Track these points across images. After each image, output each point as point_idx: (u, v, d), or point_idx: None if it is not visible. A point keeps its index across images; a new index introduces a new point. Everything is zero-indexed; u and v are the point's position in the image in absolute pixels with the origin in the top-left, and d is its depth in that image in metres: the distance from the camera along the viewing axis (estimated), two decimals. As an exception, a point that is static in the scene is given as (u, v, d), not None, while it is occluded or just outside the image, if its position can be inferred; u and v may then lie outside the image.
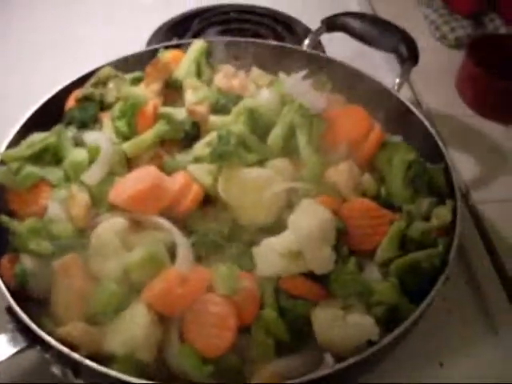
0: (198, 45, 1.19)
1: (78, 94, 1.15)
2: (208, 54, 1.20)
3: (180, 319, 0.92)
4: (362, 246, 0.99)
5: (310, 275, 0.94)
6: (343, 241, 0.97)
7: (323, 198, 0.99)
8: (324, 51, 1.41)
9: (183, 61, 1.17)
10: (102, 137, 1.05)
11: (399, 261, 0.97)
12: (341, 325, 0.91)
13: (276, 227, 0.98)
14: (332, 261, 0.92)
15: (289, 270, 0.92)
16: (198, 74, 1.17)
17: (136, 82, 1.17)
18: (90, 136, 1.06)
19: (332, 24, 1.28)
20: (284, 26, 1.55)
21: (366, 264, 0.99)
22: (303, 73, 1.11)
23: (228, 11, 1.62)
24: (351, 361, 0.87)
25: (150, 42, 1.49)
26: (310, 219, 0.92)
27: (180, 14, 1.61)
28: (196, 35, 1.50)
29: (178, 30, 1.54)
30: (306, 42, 1.30)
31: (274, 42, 1.26)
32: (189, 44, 1.22)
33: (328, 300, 0.93)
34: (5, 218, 1.01)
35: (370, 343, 0.90)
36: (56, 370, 0.90)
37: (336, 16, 1.28)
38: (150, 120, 1.07)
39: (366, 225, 0.99)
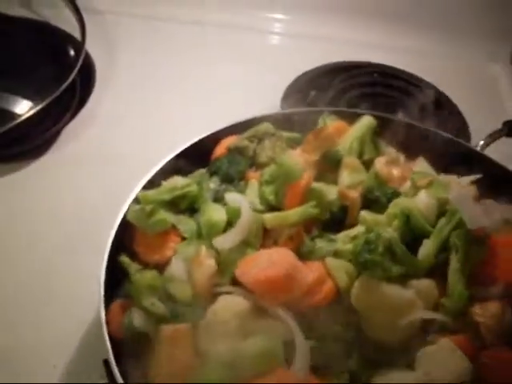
0: (366, 120, 1.10)
1: (230, 142, 1.08)
2: (375, 132, 1.10)
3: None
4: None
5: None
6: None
7: (461, 339, 0.88)
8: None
9: (348, 135, 1.08)
10: (244, 202, 0.97)
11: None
12: None
13: (401, 352, 0.89)
14: None
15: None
16: (360, 153, 1.08)
17: (292, 143, 1.10)
18: (232, 197, 0.99)
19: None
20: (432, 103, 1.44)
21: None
22: (471, 178, 1.00)
23: (371, 72, 1.53)
24: None
25: (286, 93, 1.43)
26: (446, 368, 0.82)
27: (318, 67, 1.53)
28: (338, 94, 1.43)
29: (317, 84, 1.46)
30: (481, 142, 1.18)
31: (449, 136, 1.14)
32: (354, 114, 1.13)
33: None
34: (126, 260, 0.97)
35: None
36: None
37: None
38: (300, 194, 0.98)
39: (504, 379, 0.88)
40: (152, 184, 1.02)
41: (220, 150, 1.09)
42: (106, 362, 0.87)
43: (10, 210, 1.21)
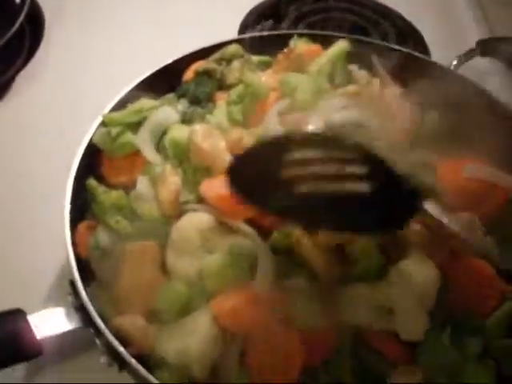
0: (340, 45, 1.07)
1: (198, 66, 1.06)
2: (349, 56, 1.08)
3: (244, 340, 0.83)
4: (462, 314, 0.87)
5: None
6: (443, 303, 0.85)
7: (434, 251, 0.86)
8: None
9: (320, 57, 1.05)
10: None
11: (504, 342, 0.84)
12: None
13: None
14: (424, 330, 0.81)
15: (374, 325, 0.82)
16: (331, 76, 1.05)
17: (263, 66, 1.08)
18: None
19: (489, 49, 1.13)
20: (390, 24, 1.44)
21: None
22: None
23: None
24: None
25: (243, 24, 1.41)
26: (413, 278, 0.81)
27: None
28: (294, 22, 1.41)
29: (274, 13, 1.44)
30: (454, 62, 1.15)
31: (424, 57, 1.12)
32: (322, 36, 1.12)
33: (410, 367, 0.83)
34: (93, 183, 0.96)
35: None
36: (103, 359, 0.84)
37: (497, 40, 1.13)
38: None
39: (474, 292, 0.87)
40: (119, 108, 1.01)
41: (189, 74, 1.08)
42: (72, 282, 0.87)
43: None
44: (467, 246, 0.89)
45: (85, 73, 1.31)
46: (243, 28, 1.39)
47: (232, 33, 1.38)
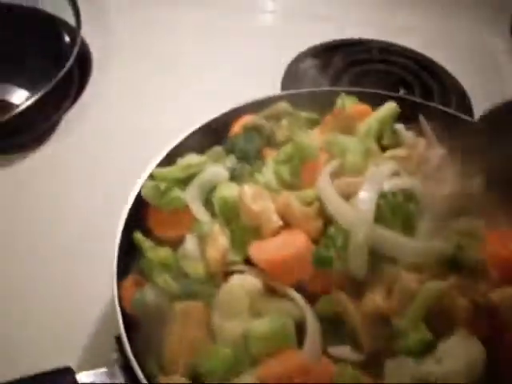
0: (389, 107, 1.07)
1: (247, 121, 1.07)
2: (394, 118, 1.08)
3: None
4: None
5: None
6: (489, 379, 0.84)
7: (478, 325, 0.85)
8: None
9: (369, 119, 1.06)
10: None
11: None
12: None
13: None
14: None
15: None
16: (379, 137, 1.06)
17: (311, 124, 1.08)
18: None
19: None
20: (433, 77, 1.45)
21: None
22: None
23: (370, 49, 1.51)
24: None
25: (287, 73, 1.42)
26: (459, 355, 0.81)
27: (319, 45, 1.51)
28: (338, 73, 1.43)
29: (317, 63, 1.45)
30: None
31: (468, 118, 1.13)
32: (370, 95, 1.12)
33: None
34: (139, 237, 0.96)
35: None
36: (148, 420, 0.84)
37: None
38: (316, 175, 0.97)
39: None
40: (166, 161, 1.02)
41: (236, 128, 1.08)
42: (118, 339, 0.88)
43: (17, 200, 1.19)
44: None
45: (132, 118, 1.31)
46: (287, 77, 1.39)
47: (276, 84, 1.38)
